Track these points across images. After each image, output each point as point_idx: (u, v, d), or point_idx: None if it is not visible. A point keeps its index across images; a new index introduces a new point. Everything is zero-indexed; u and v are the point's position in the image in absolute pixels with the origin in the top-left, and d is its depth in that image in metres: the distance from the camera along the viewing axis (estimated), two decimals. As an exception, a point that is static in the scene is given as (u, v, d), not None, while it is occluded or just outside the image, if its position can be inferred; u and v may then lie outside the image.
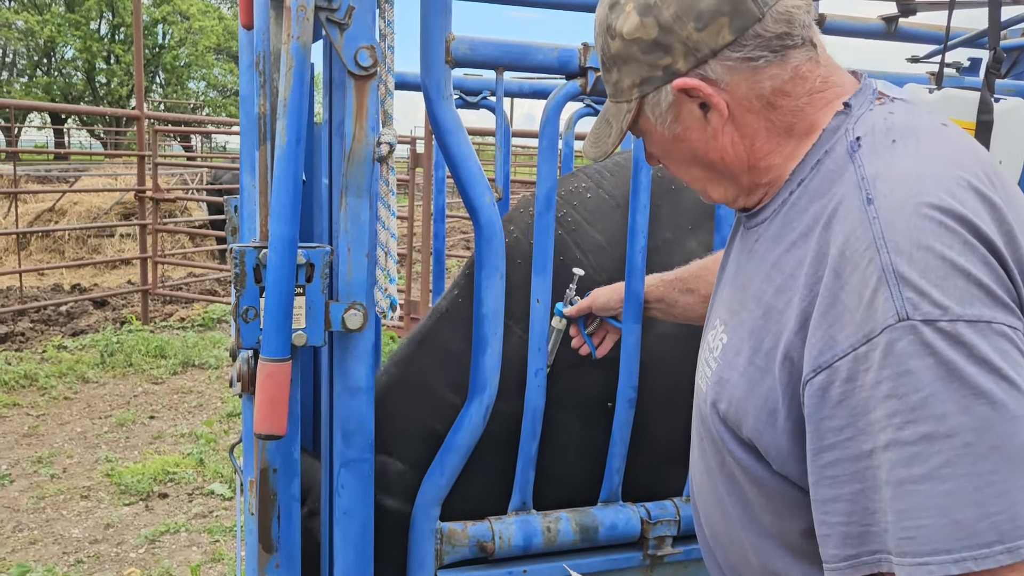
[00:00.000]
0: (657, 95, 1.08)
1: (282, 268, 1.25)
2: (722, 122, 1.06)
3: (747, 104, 1.04)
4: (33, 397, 5.91)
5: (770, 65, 1.02)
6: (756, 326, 1.02)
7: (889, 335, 0.84)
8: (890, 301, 0.84)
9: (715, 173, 1.12)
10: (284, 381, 1.27)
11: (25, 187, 12.13)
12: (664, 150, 1.16)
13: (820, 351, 0.90)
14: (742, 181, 1.11)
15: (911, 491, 0.82)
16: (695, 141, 1.09)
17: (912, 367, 0.83)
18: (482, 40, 1.63)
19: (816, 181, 1.01)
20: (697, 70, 1.04)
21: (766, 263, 1.04)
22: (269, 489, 1.45)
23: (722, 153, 1.08)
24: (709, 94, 1.03)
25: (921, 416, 0.82)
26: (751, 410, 1.02)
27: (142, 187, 8.46)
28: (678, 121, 1.09)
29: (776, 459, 1.00)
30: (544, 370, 1.79)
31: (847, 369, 0.87)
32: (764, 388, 0.99)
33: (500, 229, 1.64)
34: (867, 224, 0.89)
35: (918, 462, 0.82)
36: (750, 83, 1.03)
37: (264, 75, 1.38)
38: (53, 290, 9.62)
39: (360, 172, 1.39)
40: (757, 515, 1.09)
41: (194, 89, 38.31)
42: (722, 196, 1.15)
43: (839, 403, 0.88)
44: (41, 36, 33.20)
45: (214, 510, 4.29)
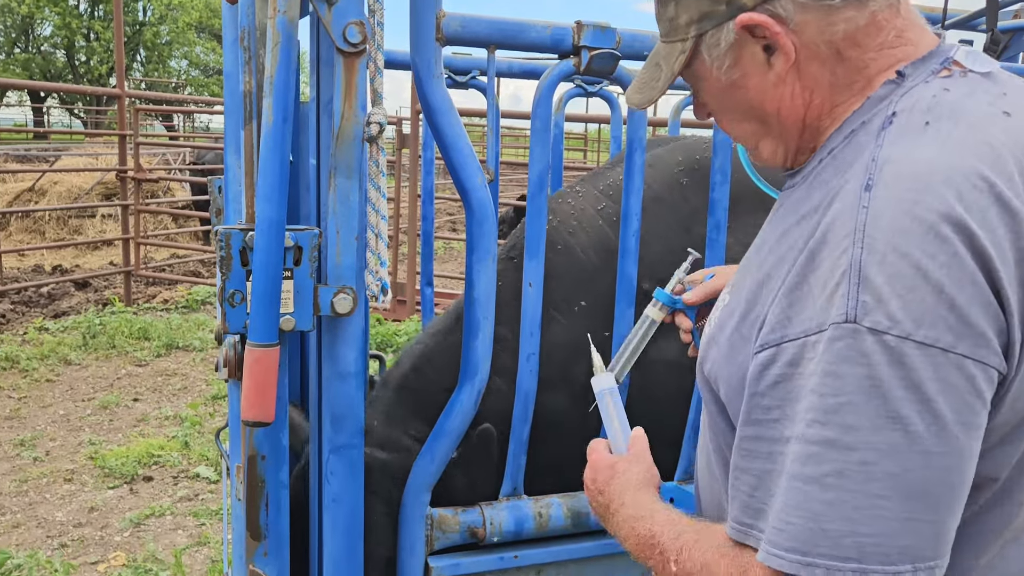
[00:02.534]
0: (717, 33, 0.98)
1: (269, 251, 1.22)
2: (787, 67, 0.95)
3: (814, 50, 0.94)
4: (14, 379, 5.84)
5: (846, 6, 0.92)
6: (752, 293, 0.97)
7: (833, 332, 0.81)
8: (844, 299, 0.81)
9: (768, 128, 1.02)
10: (272, 367, 1.25)
11: (4, 167, 11.94)
12: (718, 99, 1.06)
13: (773, 328, 0.88)
14: (792, 139, 1.02)
15: (796, 488, 0.83)
16: (752, 89, 0.99)
17: (841, 371, 0.80)
18: (474, 17, 1.59)
19: (844, 153, 0.94)
20: (765, 5, 0.93)
21: (777, 231, 0.99)
22: (257, 476, 1.43)
23: (779, 104, 0.99)
24: (777, 33, 0.93)
25: (831, 420, 0.81)
26: (724, 376, 1.00)
27: (124, 167, 8.34)
28: (737, 65, 0.98)
29: None
30: (536, 355, 1.77)
31: (792, 353, 0.85)
32: (740, 357, 0.96)
33: (492, 212, 1.61)
34: (855, 211, 0.84)
35: (812, 463, 0.82)
36: (821, 25, 0.93)
37: (249, 51, 1.34)
38: (34, 271, 9.49)
39: (349, 152, 1.35)
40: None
41: (176, 67, 37.80)
42: (771, 154, 1.06)
43: (775, 384, 0.87)
44: (19, 12, 32.57)
45: (200, 493, 4.26)
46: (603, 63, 1.64)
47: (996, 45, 1.65)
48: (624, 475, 1.20)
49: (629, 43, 1.69)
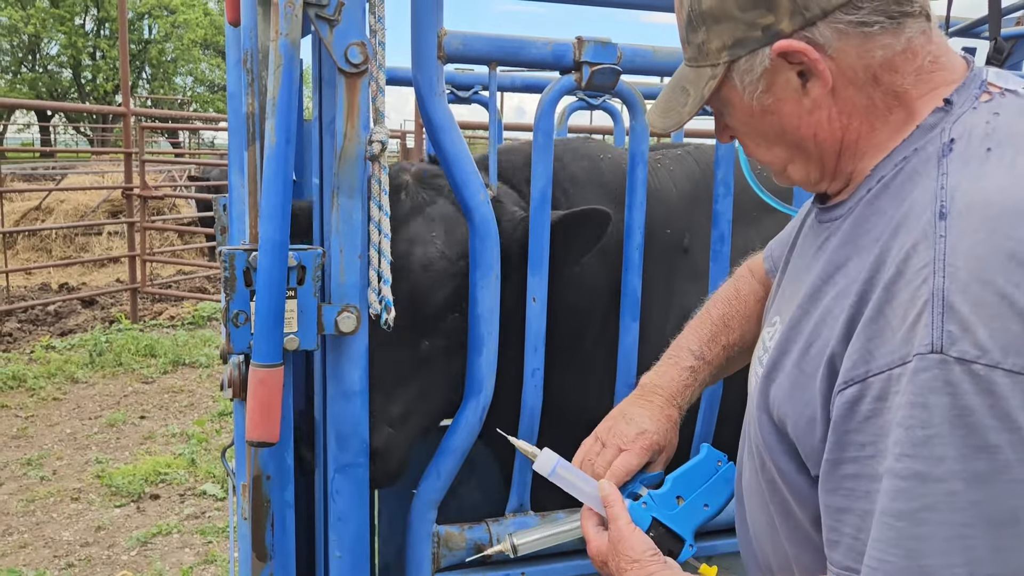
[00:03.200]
0: (751, 59, 0.96)
1: (272, 271, 1.22)
2: (824, 93, 0.95)
3: (851, 76, 0.94)
4: (22, 398, 5.85)
5: (884, 33, 0.92)
6: (810, 328, 0.97)
7: (918, 363, 0.80)
8: (928, 328, 0.80)
9: (801, 152, 1.02)
10: (276, 387, 1.24)
11: (11, 186, 12.01)
12: (747, 124, 1.04)
13: (855, 363, 0.87)
14: (829, 163, 1.01)
15: (888, 525, 0.82)
16: (786, 115, 0.98)
17: (928, 402, 0.79)
18: (475, 35, 1.60)
19: (898, 181, 0.93)
20: (803, 32, 0.92)
21: (832, 264, 0.97)
22: (263, 496, 1.42)
23: (816, 129, 0.98)
24: (815, 60, 0.92)
25: (920, 453, 0.80)
26: (791, 414, 0.98)
27: (129, 185, 8.38)
28: (770, 91, 0.97)
29: (815, 467, 0.97)
30: (540, 371, 1.76)
31: (879, 388, 0.84)
32: (806, 395, 0.95)
33: (495, 228, 1.61)
34: (931, 240, 0.83)
35: (903, 498, 0.81)
36: (859, 52, 0.93)
37: (252, 73, 1.34)
38: (41, 289, 9.52)
39: (352, 172, 1.36)
40: (800, 526, 1.05)
41: (181, 84, 38.03)
42: (803, 177, 1.05)
43: (866, 419, 0.85)
44: (25, 32, 32.85)
45: (206, 511, 4.25)
46: (604, 78, 1.64)
47: (1000, 54, 1.65)
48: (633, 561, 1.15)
49: (630, 58, 1.69)
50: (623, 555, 1.16)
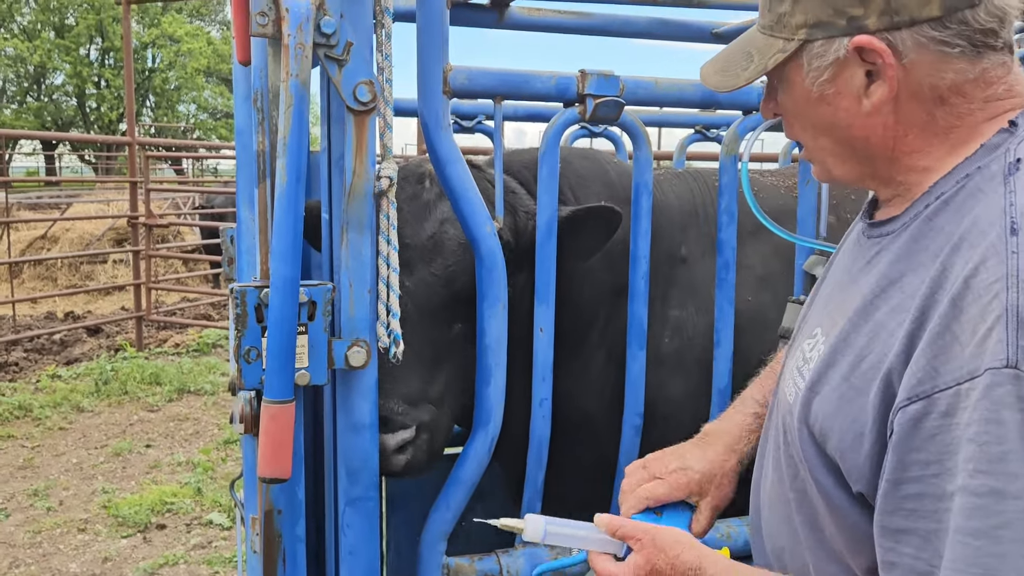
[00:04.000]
0: (826, 45, 0.95)
1: (284, 309, 1.23)
2: (884, 100, 0.95)
3: (916, 90, 0.94)
4: (28, 428, 5.85)
5: (961, 59, 0.92)
6: (860, 343, 0.95)
7: (991, 378, 0.79)
8: (1002, 344, 0.79)
9: (848, 149, 1.01)
10: (288, 423, 1.25)
11: (17, 215, 12.08)
12: (799, 108, 1.03)
13: (920, 380, 0.85)
14: (878, 168, 1.01)
15: (964, 543, 0.80)
16: (842, 109, 0.98)
17: (1003, 418, 0.79)
18: (479, 70, 1.62)
19: (959, 198, 0.92)
20: (886, 33, 0.92)
21: (886, 279, 0.96)
22: (274, 531, 1.43)
23: (869, 133, 0.98)
24: (889, 64, 0.92)
25: (996, 470, 0.78)
26: (836, 428, 0.96)
27: (135, 213, 8.43)
28: (833, 82, 0.96)
29: (857, 483, 0.96)
30: (548, 400, 1.77)
31: (947, 404, 0.83)
32: (855, 409, 0.94)
33: (502, 259, 1.63)
34: (1003, 256, 0.83)
35: (979, 516, 0.79)
36: (931, 69, 0.92)
37: (263, 112, 1.36)
38: (46, 318, 9.55)
39: (361, 207, 1.37)
40: (826, 539, 1.04)
41: (184, 112, 38.31)
42: (845, 174, 1.04)
43: (931, 437, 0.84)
44: (31, 62, 33.19)
45: (213, 540, 4.24)
46: (608, 111, 1.66)
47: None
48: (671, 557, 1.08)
49: (633, 90, 1.71)
50: (665, 551, 1.08)
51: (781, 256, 2.05)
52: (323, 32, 1.26)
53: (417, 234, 1.75)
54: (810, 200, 1.95)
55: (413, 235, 1.75)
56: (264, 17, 1.23)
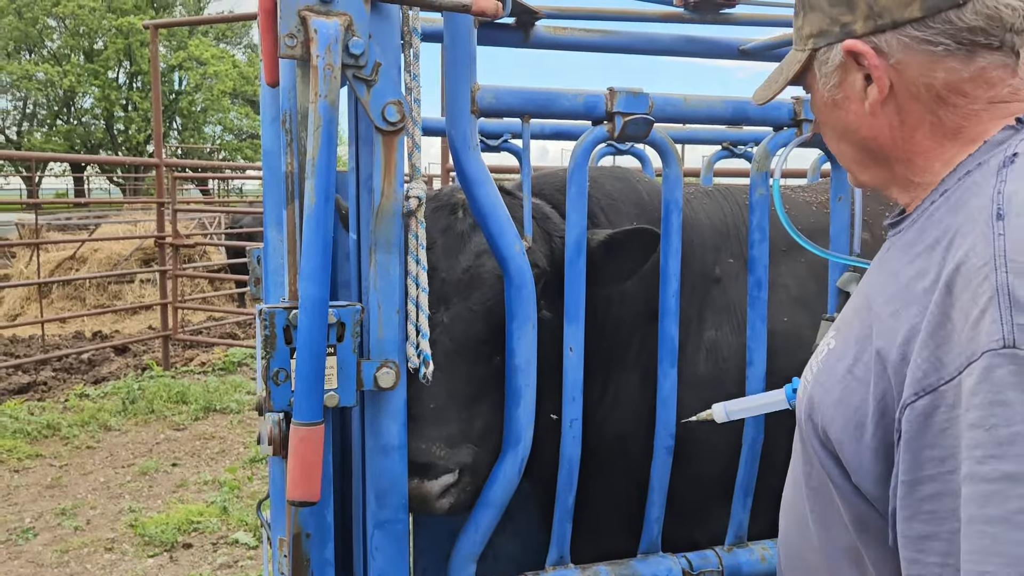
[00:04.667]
0: (828, 52, 1.02)
1: (313, 330, 1.22)
2: (879, 100, 0.99)
3: (914, 90, 0.97)
4: (56, 447, 5.90)
5: (949, 57, 0.95)
6: (862, 335, 0.96)
7: (989, 360, 0.78)
8: (997, 324, 0.78)
9: (866, 154, 1.06)
10: (318, 445, 1.24)
11: (46, 236, 12.27)
12: (821, 114, 1.09)
13: (925, 373, 0.84)
14: (896, 170, 1.04)
15: (981, 532, 0.77)
16: (852, 113, 1.03)
17: (1007, 398, 0.76)
18: (507, 89, 1.61)
19: (958, 193, 0.95)
20: (872, 37, 0.97)
21: (885, 272, 0.99)
22: (302, 555, 1.41)
23: (876, 133, 1.02)
24: (874, 65, 0.97)
25: (1007, 453, 0.76)
26: (838, 418, 0.97)
27: (162, 233, 8.53)
28: (840, 87, 1.03)
29: (856, 474, 0.96)
30: (579, 421, 1.74)
31: (953, 395, 0.81)
32: (856, 399, 0.94)
33: (531, 278, 1.61)
34: (990, 239, 0.83)
35: (994, 502, 0.76)
36: (922, 69, 0.96)
37: (291, 134, 1.36)
38: (75, 338, 9.66)
39: (389, 228, 1.37)
40: (837, 536, 1.03)
41: (210, 133, 38.86)
42: (871, 180, 1.09)
43: (943, 431, 0.82)
44: (61, 87, 33.87)
45: (239, 560, 4.23)
46: (637, 128, 1.65)
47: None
48: None
49: (661, 107, 1.70)
50: None
51: (816, 276, 2.02)
52: (351, 53, 1.26)
53: (453, 268, 1.73)
54: (843, 216, 1.92)
55: (449, 269, 1.72)
56: (292, 39, 1.23)
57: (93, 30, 34.17)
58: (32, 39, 34.49)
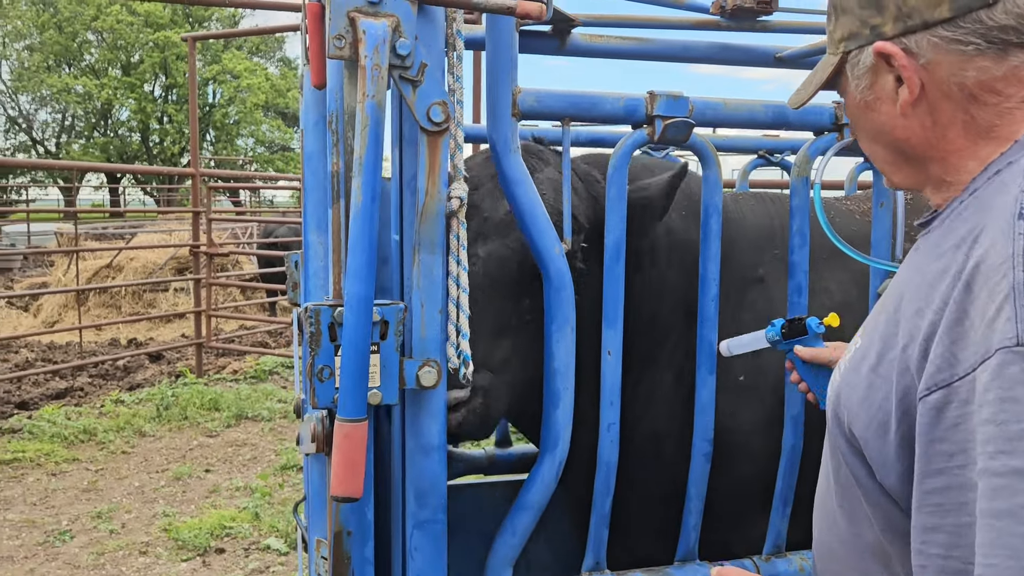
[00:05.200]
0: (859, 54, 1.02)
1: (358, 327, 1.23)
2: (909, 101, 0.99)
3: (945, 89, 0.97)
4: (92, 452, 5.99)
5: (981, 56, 0.94)
6: (887, 332, 0.97)
7: (1002, 357, 0.79)
8: (1012, 322, 0.79)
9: (899, 155, 1.06)
10: (361, 441, 1.25)
11: (84, 245, 12.50)
12: (855, 116, 1.10)
13: (939, 367, 0.85)
14: (930, 170, 1.04)
15: (989, 525, 0.78)
16: (884, 114, 1.03)
17: (1018, 395, 0.77)
18: (548, 92, 1.62)
19: (987, 192, 0.95)
20: (902, 38, 0.97)
21: (914, 270, 0.99)
22: (344, 553, 1.42)
23: (909, 134, 1.02)
24: (904, 66, 0.97)
25: (1017, 448, 0.76)
26: (863, 415, 0.97)
27: (197, 242, 8.65)
28: (872, 88, 1.03)
29: (880, 471, 0.96)
30: (616, 425, 1.74)
31: (966, 391, 0.82)
32: (879, 396, 0.94)
33: (570, 280, 1.62)
34: (1010, 238, 0.83)
35: (1003, 496, 0.77)
36: (953, 68, 0.96)
37: (337, 134, 1.38)
38: (110, 345, 9.82)
39: (433, 228, 1.38)
40: (863, 531, 1.03)
41: (242, 145, 39.42)
42: (904, 181, 1.09)
43: (954, 426, 0.83)
44: (99, 99, 34.59)
45: (270, 565, 4.26)
46: (677, 132, 1.65)
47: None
48: None
49: (701, 111, 1.70)
50: None
51: (859, 283, 2.00)
52: (398, 54, 1.27)
53: (496, 209, 1.76)
54: (885, 222, 1.90)
55: (491, 209, 1.76)
56: (341, 40, 1.25)
57: (130, 44, 34.87)
58: (72, 53, 35.28)
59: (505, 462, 2.42)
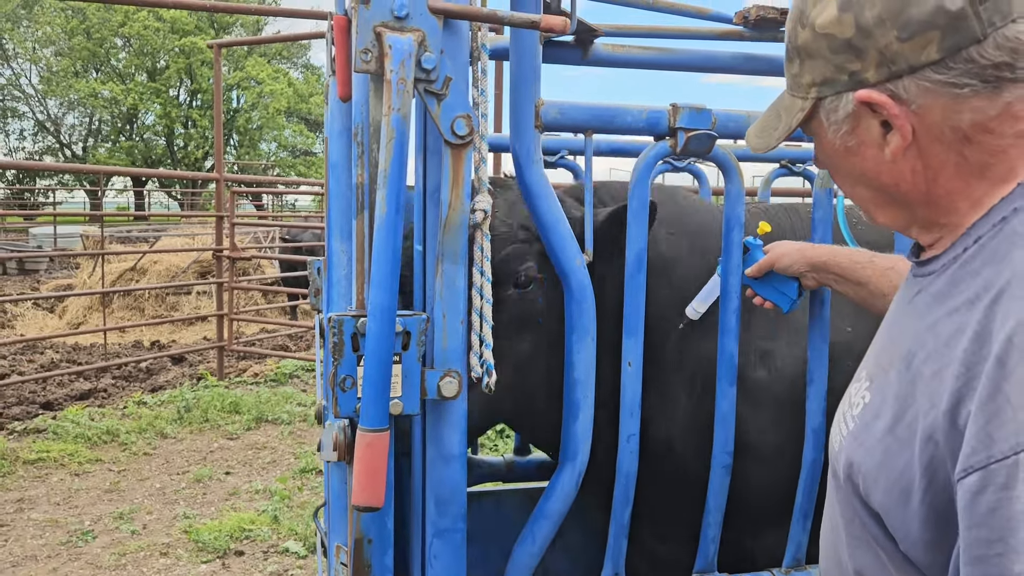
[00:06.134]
0: (836, 101, 0.97)
1: (381, 337, 1.25)
2: (902, 148, 0.94)
3: (937, 133, 0.92)
4: (115, 453, 6.06)
5: (976, 96, 0.89)
6: (902, 392, 0.92)
7: None
8: None
9: (885, 196, 1.01)
10: (383, 451, 1.26)
11: (109, 248, 12.67)
12: (832, 161, 1.04)
13: (974, 449, 0.80)
14: (917, 213, 0.99)
15: None
16: (868, 160, 0.98)
17: None
18: (571, 104, 1.63)
19: (996, 242, 0.89)
20: (888, 84, 0.91)
21: (923, 323, 0.93)
22: (363, 561, 1.43)
23: (898, 179, 0.97)
24: (895, 114, 0.92)
25: None
26: (882, 482, 0.92)
27: (220, 247, 8.74)
28: (853, 134, 0.97)
29: (903, 541, 0.92)
30: (636, 436, 1.74)
31: (1005, 475, 0.77)
32: (900, 463, 0.89)
33: (591, 292, 1.62)
34: None
35: None
36: (946, 111, 0.90)
37: (363, 146, 1.40)
38: (133, 347, 9.93)
39: (456, 240, 1.39)
40: None
41: (265, 150, 39.79)
42: (889, 221, 1.03)
43: (992, 512, 0.78)
44: (125, 104, 35.07)
45: (289, 569, 4.28)
46: (700, 144, 1.65)
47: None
48: None
49: (724, 123, 1.70)
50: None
51: None
52: (423, 68, 1.29)
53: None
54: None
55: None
56: (368, 54, 1.26)
57: (156, 50, 35.35)
58: (99, 58, 35.82)
59: (524, 469, 2.43)
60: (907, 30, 0.88)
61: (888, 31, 0.90)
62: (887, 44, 0.90)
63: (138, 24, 33.55)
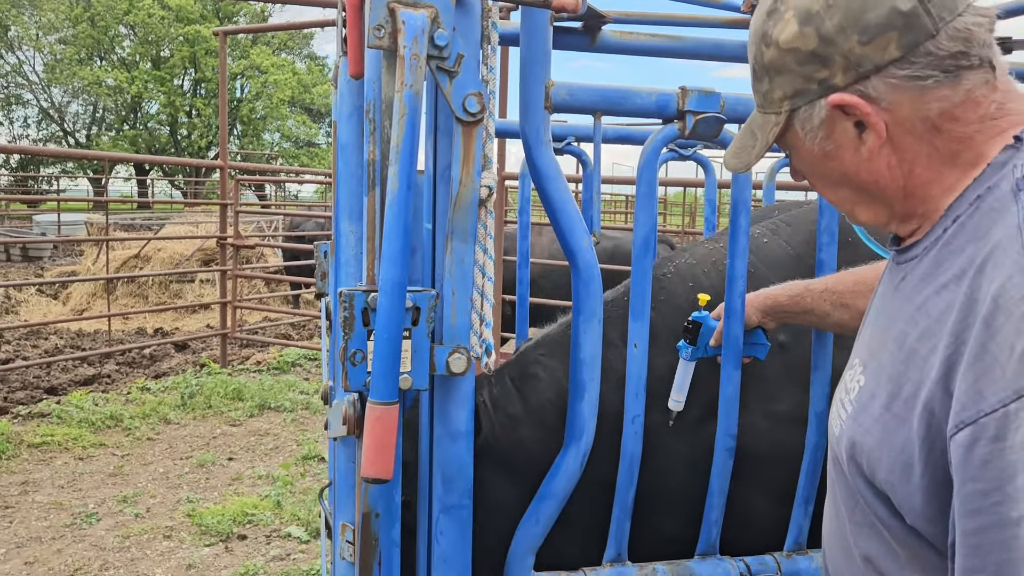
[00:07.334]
0: (809, 109, 1.02)
1: (392, 312, 1.26)
2: (878, 144, 0.99)
3: (908, 126, 0.97)
4: (119, 437, 6.09)
5: (940, 86, 0.95)
6: (896, 371, 0.95)
7: None
8: None
9: (865, 195, 1.05)
10: (392, 424, 1.27)
11: (113, 235, 12.68)
12: (811, 167, 1.09)
13: (964, 405, 0.84)
14: (895, 207, 1.04)
15: None
16: (847, 161, 1.03)
17: None
18: (580, 85, 1.64)
19: (975, 219, 0.94)
20: (856, 86, 0.97)
21: (911, 304, 0.98)
22: (371, 534, 1.45)
23: (876, 176, 1.02)
24: (867, 113, 0.97)
25: None
26: (884, 460, 0.95)
27: (224, 235, 8.75)
28: (830, 138, 1.02)
29: (909, 514, 0.94)
30: (641, 417, 1.76)
31: (995, 427, 0.80)
32: (900, 438, 0.93)
33: (598, 273, 1.63)
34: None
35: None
36: (915, 104, 0.96)
37: (374, 123, 1.41)
38: (137, 333, 9.96)
39: (466, 217, 1.40)
40: (887, 571, 1.01)
41: (268, 140, 39.76)
42: (871, 219, 1.08)
43: (984, 464, 0.81)
44: (129, 92, 35.05)
45: (291, 553, 4.31)
46: (708, 127, 1.66)
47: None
48: None
49: (733, 107, 1.71)
50: None
51: None
52: (436, 44, 1.29)
53: None
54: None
55: None
56: (380, 30, 1.27)
57: (161, 38, 35.30)
58: (104, 46, 35.78)
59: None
60: (867, 34, 0.94)
61: (849, 37, 0.95)
62: (850, 49, 0.96)
63: (143, 12, 33.51)
